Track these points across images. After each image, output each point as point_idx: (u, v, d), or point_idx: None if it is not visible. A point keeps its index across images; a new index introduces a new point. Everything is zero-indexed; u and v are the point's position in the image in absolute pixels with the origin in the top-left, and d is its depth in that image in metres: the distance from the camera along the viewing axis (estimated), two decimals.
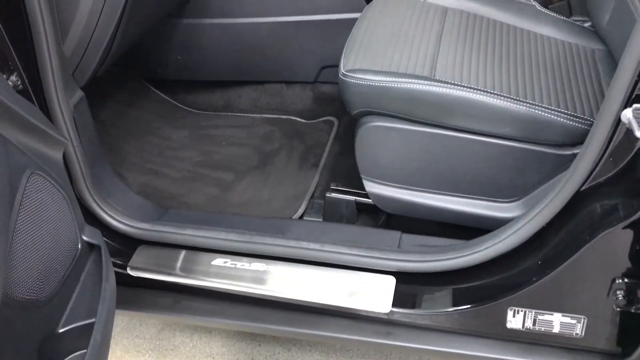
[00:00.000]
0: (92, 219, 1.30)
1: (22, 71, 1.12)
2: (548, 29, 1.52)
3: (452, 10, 1.54)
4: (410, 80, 1.27)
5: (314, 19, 1.83)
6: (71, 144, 1.19)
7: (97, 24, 1.27)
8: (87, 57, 1.33)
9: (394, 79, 1.28)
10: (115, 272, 1.11)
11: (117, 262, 1.33)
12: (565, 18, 1.57)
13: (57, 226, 0.96)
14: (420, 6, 1.55)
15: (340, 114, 1.89)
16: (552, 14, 1.57)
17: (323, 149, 1.78)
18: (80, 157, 1.22)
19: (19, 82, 1.13)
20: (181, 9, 1.82)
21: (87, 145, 1.26)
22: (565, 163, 1.20)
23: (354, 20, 1.56)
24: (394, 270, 1.26)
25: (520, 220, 1.16)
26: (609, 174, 1.05)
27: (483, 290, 1.21)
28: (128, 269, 1.34)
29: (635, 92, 0.97)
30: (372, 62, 1.35)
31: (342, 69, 1.35)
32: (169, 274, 1.33)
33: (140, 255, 1.37)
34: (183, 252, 1.35)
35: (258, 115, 1.96)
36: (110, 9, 1.26)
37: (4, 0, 1.06)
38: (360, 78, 1.31)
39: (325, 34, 1.85)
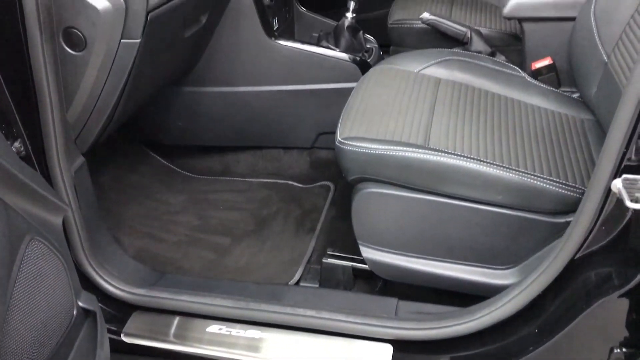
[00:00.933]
0: (88, 284, 1.30)
1: (26, 138, 1.15)
2: (538, 99, 1.57)
3: (445, 81, 1.59)
4: (405, 148, 1.30)
5: (312, 88, 1.88)
6: (71, 209, 1.20)
7: (101, 92, 1.32)
8: (90, 124, 1.36)
9: (389, 147, 1.31)
10: (110, 338, 1.10)
11: (112, 328, 1.32)
12: (554, 89, 1.62)
13: (54, 292, 0.96)
14: (413, 77, 1.61)
15: (337, 179, 1.92)
16: (541, 85, 1.62)
17: (320, 213, 1.80)
18: (78, 223, 1.23)
19: (22, 149, 1.15)
20: (183, 77, 1.87)
21: (86, 211, 1.27)
22: (558, 231, 1.21)
23: (350, 89, 1.61)
24: (391, 338, 1.25)
25: (516, 288, 1.17)
26: (602, 243, 1.06)
27: (480, 358, 1.20)
28: (122, 335, 1.33)
29: (624, 163, 0.99)
30: (368, 130, 1.39)
31: (338, 137, 1.38)
32: (163, 341, 1.32)
33: (135, 321, 1.35)
34: (177, 319, 1.34)
35: (255, 179, 1.99)
36: (114, 78, 1.31)
37: (12, 69, 1.09)
38: (356, 146, 1.34)
39: (322, 102, 1.90)
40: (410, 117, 1.44)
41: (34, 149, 1.16)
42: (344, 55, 1.86)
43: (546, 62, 1.68)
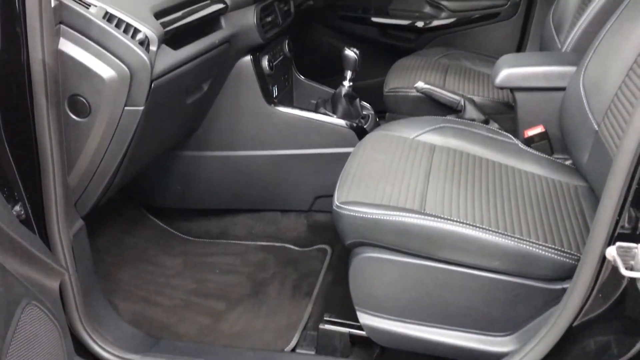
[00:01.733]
0: (82, 349, 1.28)
1: (26, 201, 1.16)
2: (531, 166, 1.59)
3: (440, 148, 1.62)
4: (401, 213, 1.32)
5: (310, 152, 1.92)
6: (68, 273, 1.20)
7: (103, 158, 1.34)
8: (91, 188, 1.38)
9: (386, 212, 1.33)
10: None
11: None
12: (547, 156, 1.66)
13: (47, 358, 0.95)
14: (409, 143, 1.64)
15: (334, 242, 1.93)
16: (534, 152, 1.65)
17: (316, 277, 1.79)
18: (75, 287, 1.22)
19: (22, 212, 1.16)
20: (183, 142, 1.91)
21: (82, 274, 1.27)
22: (555, 297, 1.21)
23: (347, 154, 1.64)
24: None
25: (514, 355, 1.15)
26: (600, 310, 1.06)
27: None
28: None
29: (618, 230, 1.01)
30: (365, 195, 1.40)
31: (336, 201, 1.40)
32: None
33: None
34: None
35: (252, 242, 1.99)
36: (116, 144, 1.34)
37: (17, 133, 1.12)
38: (353, 210, 1.35)
39: (320, 166, 1.93)
40: (407, 183, 1.46)
41: (34, 213, 1.17)
42: (341, 122, 1.90)
43: (538, 130, 1.72)
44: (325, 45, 2.75)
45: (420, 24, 2.63)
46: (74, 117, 1.27)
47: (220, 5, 1.64)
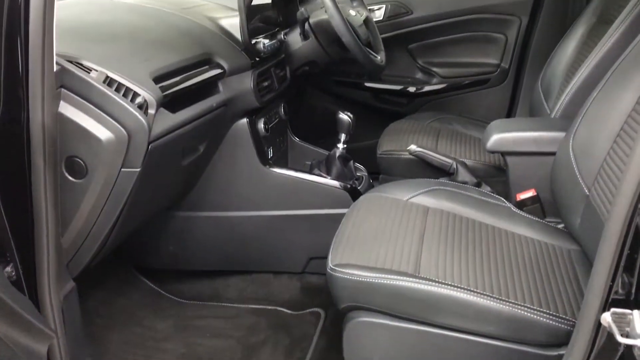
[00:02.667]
0: None
1: (18, 263, 1.15)
2: (524, 230, 1.60)
3: (433, 210, 1.63)
4: (396, 277, 1.31)
5: (304, 213, 1.93)
6: (56, 336, 1.18)
7: (97, 219, 1.34)
8: (84, 249, 1.37)
9: (380, 275, 1.32)
10: None
11: None
12: (539, 220, 1.67)
13: None
14: (403, 205, 1.65)
15: (328, 306, 1.90)
16: (527, 215, 1.67)
17: (309, 342, 1.76)
18: (63, 352, 1.19)
19: (13, 273, 1.15)
20: (177, 202, 1.91)
21: (71, 337, 1.24)
22: None
23: (341, 215, 1.64)
24: None
25: None
26: None
27: None
28: None
29: (612, 296, 1.00)
30: (359, 257, 1.40)
31: (330, 264, 1.39)
32: None
33: None
34: None
35: (244, 305, 1.96)
36: (111, 205, 1.34)
37: (12, 194, 1.12)
38: (347, 273, 1.34)
39: (314, 227, 1.93)
40: (401, 245, 1.46)
41: (25, 274, 1.15)
42: (335, 183, 1.92)
43: (530, 193, 1.74)
44: (320, 109, 2.81)
45: (412, 89, 2.70)
46: (70, 178, 1.28)
47: (218, 71, 1.68)
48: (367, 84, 2.71)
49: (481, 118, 2.52)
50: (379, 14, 2.62)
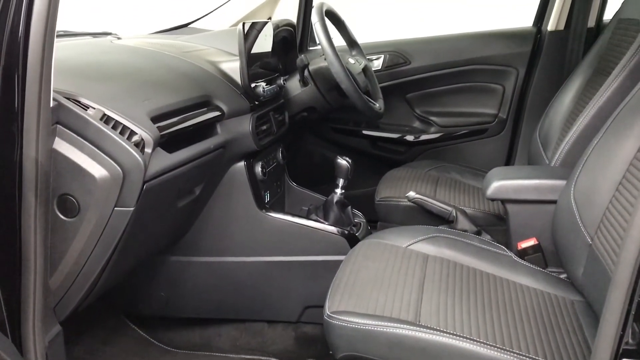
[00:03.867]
0: None
1: (2, 303, 1.10)
2: (526, 279, 1.56)
3: (433, 257, 1.60)
4: (396, 324, 1.27)
5: (300, 259, 1.88)
6: None
7: (87, 260, 1.30)
8: (72, 292, 1.32)
9: (379, 322, 1.27)
10: None
11: None
12: (541, 269, 1.63)
13: None
14: (402, 252, 1.61)
15: (324, 356, 1.84)
16: (528, 265, 1.63)
17: None
18: None
19: None
20: (170, 246, 1.87)
21: None
22: None
23: (338, 262, 1.61)
24: None
25: None
26: None
27: None
28: None
29: (622, 347, 0.96)
30: (357, 304, 1.36)
31: (327, 310, 1.35)
32: None
33: None
34: None
35: (237, 355, 1.89)
36: (103, 246, 1.30)
37: (1, 231, 1.08)
38: (345, 320, 1.30)
39: (310, 275, 1.88)
40: (400, 292, 1.42)
41: (9, 314, 1.11)
42: (333, 229, 1.89)
43: (531, 242, 1.71)
44: (318, 155, 2.80)
45: (410, 137, 2.71)
46: (61, 216, 1.25)
47: (217, 113, 1.67)
48: (365, 132, 2.72)
49: (479, 167, 2.52)
50: (377, 64, 2.65)
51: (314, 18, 1.97)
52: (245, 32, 1.74)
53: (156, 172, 1.33)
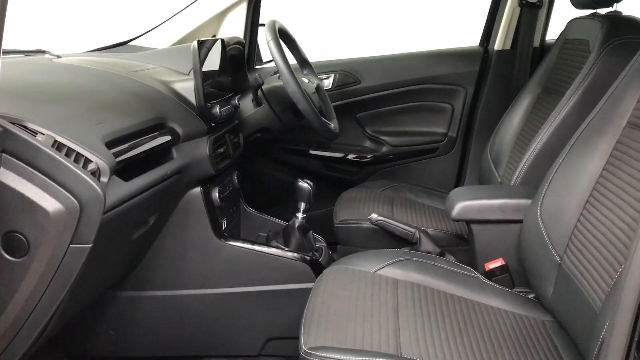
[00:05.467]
0: None
1: None
2: (496, 301, 1.54)
3: (403, 282, 1.55)
4: (378, 359, 1.20)
5: (261, 289, 1.78)
6: None
7: (36, 306, 1.15)
8: (19, 339, 1.17)
9: (361, 357, 1.21)
10: None
11: None
12: (509, 290, 1.62)
13: None
14: (371, 278, 1.56)
15: None
16: (497, 286, 1.62)
17: None
18: None
19: None
20: (120, 281, 1.72)
21: None
22: None
23: (302, 290, 1.54)
24: None
25: None
26: None
27: None
28: None
29: None
30: (335, 338, 1.28)
31: (303, 346, 1.26)
32: None
33: None
34: None
35: None
36: (55, 288, 1.15)
37: None
38: (325, 357, 1.21)
39: (272, 305, 1.79)
40: (377, 322, 1.36)
41: None
42: (295, 255, 1.80)
43: (499, 263, 1.70)
44: (268, 177, 2.72)
45: (361, 157, 2.67)
46: (7, 256, 1.09)
47: (172, 136, 1.56)
48: (316, 152, 2.66)
49: (431, 186, 2.51)
50: (327, 83, 2.61)
51: (268, 36, 1.90)
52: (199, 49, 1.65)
53: (113, 203, 1.21)
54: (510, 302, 1.55)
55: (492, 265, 1.70)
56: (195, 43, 1.64)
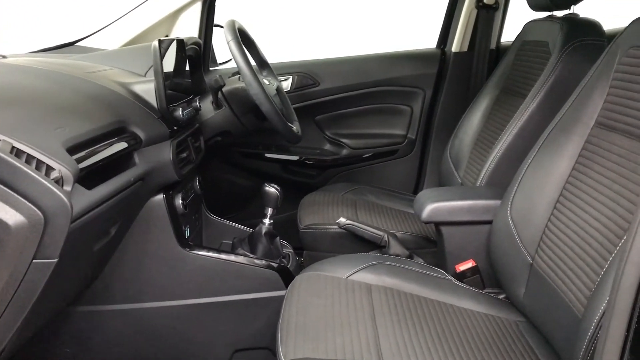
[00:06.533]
0: None
1: None
2: (469, 303, 1.54)
3: (376, 287, 1.53)
4: None
5: (228, 299, 1.71)
6: None
7: None
8: None
9: None
10: None
11: None
12: (481, 291, 1.62)
13: None
14: (344, 284, 1.53)
15: None
16: (468, 287, 1.61)
17: None
18: None
19: None
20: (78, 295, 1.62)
21: None
22: None
23: (271, 298, 1.49)
24: None
25: None
26: None
27: None
28: None
29: None
30: (315, 349, 1.24)
31: (282, 359, 1.21)
32: None
33: None
34: None
35: None
36: (13, 312, 1.04)
37: None
38: None
39: (240, 315, 1.72)
40: (356, 330, 1.32)
41: None
42: (264, 263, 1.74)
43: (469, 264, 1.70)
44: (225, 182, 2.64)
45: (321, 160, 2.64)
46: None
47: (134, 141, 1.47)
48: (275, 156, 2.61)
49: (392, 188, 2.50)
50: (285, 85, 2.56)
51: (228, 36, 1.83)
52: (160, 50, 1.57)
53: (77, 213, 1.12)
54: (482, 304, 1.55)
55: (462, 267, 1.70)
56: (156, 43, 1.56)
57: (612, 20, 2.33)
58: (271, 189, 1.85)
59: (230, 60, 2.62)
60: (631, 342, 0.92)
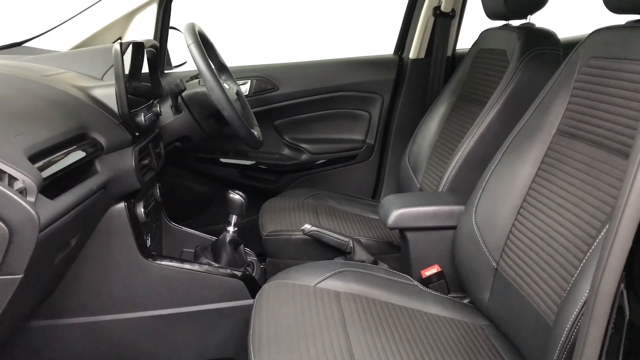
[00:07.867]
0: None
1: None
2: (435, 308, 1.55)
3: (344, 294, 1.52)
4: None
5: (192, 310, 1.67)
6: None
7: None
8: None
9: None
10: None
11: None
12: (446, 296, 1.63)
13: None
14: (312, 292, 1.51)
15: None
16: (434, 293, 1.63)
17: None
18: None
19: None
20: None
21: None
22: None
23: (236, 308, 1.46)
24: None
25: None
26: None
27: None
28: None
29: None
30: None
31: None
32: None
33: None
34: None
35: None
36: None
37: None
38: None
39: (204, 326, 1.68)
40: (328, 340, 1.31)
41: None
42: (228, 271, 1.71)
43: (434, 269, 1.71)
44: (181, 188, 2.57)
45: (280, 165, 2.61)
46: None
47: (96, 148, 1.41)
48: (233, 161, 2.56)
49: (351, 193, 2.51)
50: (244, 89, 2.52)
51: (188, 39, 1.79)
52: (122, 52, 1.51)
53: (42, 225, 1.06)
54: (448, 309, 1.57)
55: (428, 272, 1.71)
56: (117, 45, 1.50)
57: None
58: (236, 196, 1.81)
59: (186, 63, 2.57)
60: (607, 346, 0.95)
